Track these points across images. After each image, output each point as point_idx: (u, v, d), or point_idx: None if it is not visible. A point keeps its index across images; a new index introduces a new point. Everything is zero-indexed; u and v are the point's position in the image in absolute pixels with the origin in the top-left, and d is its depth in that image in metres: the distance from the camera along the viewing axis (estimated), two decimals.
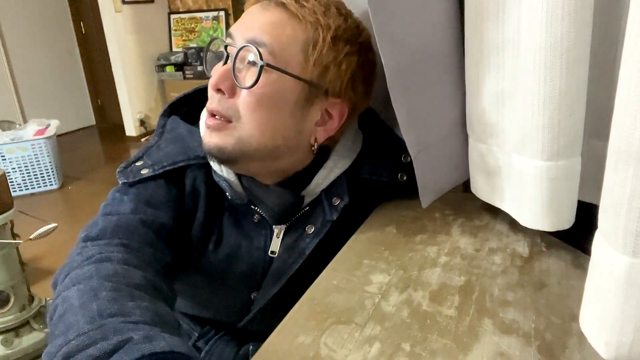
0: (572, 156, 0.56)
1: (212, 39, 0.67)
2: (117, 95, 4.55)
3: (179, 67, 4.49)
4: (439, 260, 0.63)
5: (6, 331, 1.66)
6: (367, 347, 0.48)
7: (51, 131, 3.30)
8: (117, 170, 0.65)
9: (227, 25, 4.45)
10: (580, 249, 0.63)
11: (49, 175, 3.36)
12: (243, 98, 0.58)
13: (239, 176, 0.66)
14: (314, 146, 0.64)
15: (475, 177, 0.72)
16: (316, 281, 0.61)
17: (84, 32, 4.98)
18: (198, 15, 4.58)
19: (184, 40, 4.67)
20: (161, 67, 4.59)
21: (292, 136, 0.62)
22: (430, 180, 0.71)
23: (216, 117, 0.60)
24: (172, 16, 4.69)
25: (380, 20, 0.58)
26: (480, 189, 0.72)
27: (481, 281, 0.58)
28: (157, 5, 4.62)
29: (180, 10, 4.67)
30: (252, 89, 0.57)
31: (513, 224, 0.69)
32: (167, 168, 0.64)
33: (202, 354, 0.73)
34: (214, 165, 0.66)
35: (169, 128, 0.70)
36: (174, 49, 4.71)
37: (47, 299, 1.81)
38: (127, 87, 4.46)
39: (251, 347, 0.73)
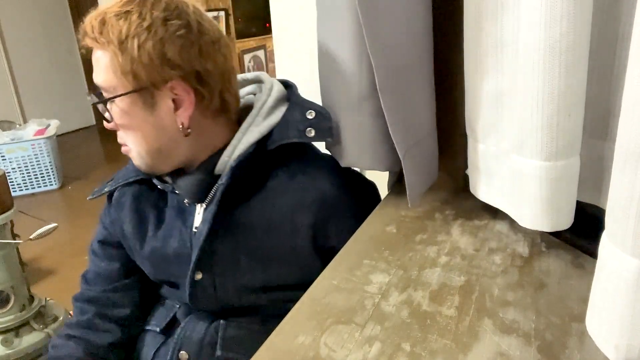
0: (571, 156, 0.56)
1: None
2: None
3: None
4: (439, 260, 0.63)
5: (6, 331, 1.66)
6: (367, 347, 0.48)
7: (51, 131, 3.30)
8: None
9: (227, 25, 4.45)
10: (580, 249, 0.63)
11: (49, 175, 3.36)
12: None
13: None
14: (188, 129, 0.69)
15: (474, 178, 0.72)
16: (316, 281, 0.61)
17: None
18: None
19: None
20: None
21: (161, 135, 0.69)
22: (415, 180, 0.72)
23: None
24: None
25: (370, 22, 0.60)
26: (479, 190, 0.72)
27: (481, 281, 0.58)
28: None
29: None
30: (113, 122, 0.69)
31: (513, 224, 0.69)
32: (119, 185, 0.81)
33: (179, 329, 0.77)
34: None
35: None
36: None
37: (47, 299, 1.81)
38: None
39: (222, 321, 0.75)
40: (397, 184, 0.89)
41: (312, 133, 0.70)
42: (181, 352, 0.75)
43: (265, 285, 0.72)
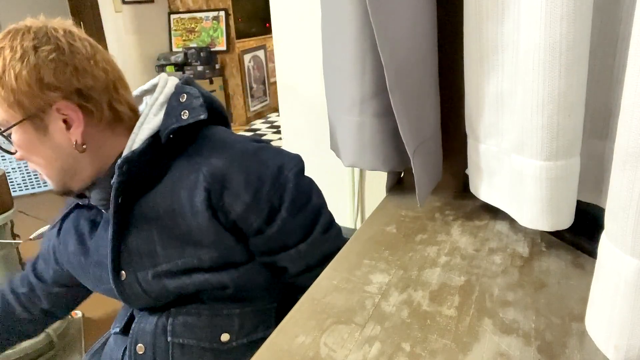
0: (571, 156, 0.56)
1: None
2: None
3: (179, 67, 4.49)
4: (439, 260, 0.63)
5: None
6: (367, 347, 0.48)
7: None
8: None
9: (227, 26, 4.46)
10: (580, 249, 0.63)
11: None
12: None
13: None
14: (83, 145, 0.72)
15: (475, 178, 0.72)
16: (316, 281, 0.61)
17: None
18: (198, 15, 4.58)
19: (184, 41, 4.67)
20: (161, 67, 4.58)
21: (59, 155, 0.72)
22: (424, 179, 0.72)
23: None
24: (172, 16, 4.69)
25: (380, 21, 0.60)
26: (480, 189, 0.72)
27: (481, 281, 0.58)
28: (157, 5, 4.62)
29: (180, 10, 4.67)
30: (18, 152, 0.73)
31: (513, 224, 0.69)
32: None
33: (133, 324, 0.79)
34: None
35: None
36: (174, 49, 4.71)
37: None
38: None
39: (172, 309, 0.77)
40: (397, 184, 0.89)
41: (186, 115, 0.73)
42: (138, 345, 0.77)
43: (185, 269, 0.74)
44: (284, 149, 0.80)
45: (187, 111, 0.73)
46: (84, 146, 0.72)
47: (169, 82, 0.80)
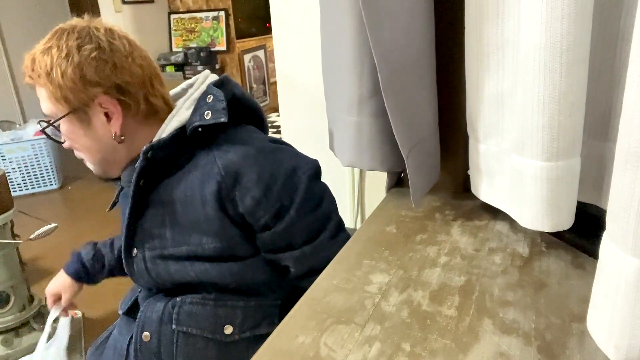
0: (571, 156, 0.56)
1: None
2: None
3: (179, 67, 4.49)
4: (439, 260, 0.63)
5: (6, 331, 1.66)
6: (367, 347, 0.48)
7: None
8: None
9: (227, 26, 4.46)
10: (581, 249, 0.63)
11: (49, 175, 3.36)
12: None
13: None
14: (121, 137, 0.78)
15: (475, 178, 0.72)
16: (316, 281, 0.61)
17: None
18: (198, 15, 4.58)
19: (184, 41, 4.67)
20: (161, 67, 4.59)
21: (101, 146, 0.79)
22: (418, 180, 0.72)
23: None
24: (172, 16, 4.69)
25: (373, 21, 0.60)
26: (480, 190, 0.72)
27: (481, 281, 0.58)
28: (157, 5, 4.62)
29: (180, 10, 4.67)
30: (65, 142, 0.81)
31: (513, 224, 0.69)
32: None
33: (139, 312, 0.82)
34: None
35: None
36: (174, 49, 4.71)
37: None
38: None
39: (177, 299, 0.80)
40: (397, 184, 0.89)
41: (209, 115, 0.77)
42: (144, 333, 0.79)
43: (189, 255, 0.77)
44: (302, 152, 0.83)
45: (210, 112, 0.77)
46: (122, 137, 0.78)
47: (207, 79, 0.84)
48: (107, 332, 0.98)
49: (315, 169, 0.80)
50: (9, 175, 3.21)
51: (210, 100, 0.78)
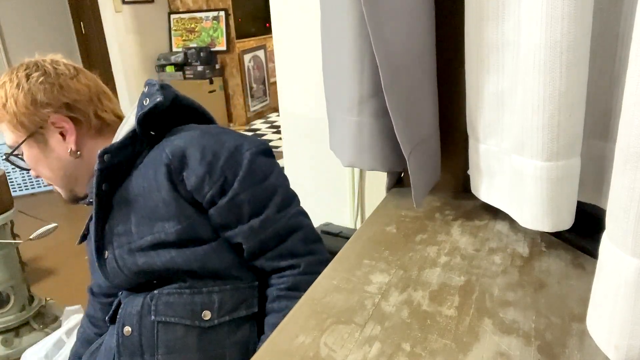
0: (571, 156, 0.56)
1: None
2: (117, 95, 4.55)
3: (179, 67, 4.50)
4: (439, 260, 0.63)
5: (6, 331, 1.66)
6: (367, 347, 0.48)
7: None
8: None
9: (227, 25, 4.46)
10: (580, 249, 0.63)
11: None
12: None
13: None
14: (77, 152, 0.86)
15: (475, 178, 0.72)
16: (316, 281, 0.61)
17: (84, 32, 4.98)
18: (198, 15, 4.58)
19: (184, 40, 4.68)
20: (161, 67, 4.59)
21: (62, 164, 0.86)
22: (420, 180, 0.72)
23: None
24: (172, 16, 4.70)
25: (375, 20, 0.60)
26: (480, 190, 0.72)
27: (481, 281, 0.58)
28: (157, 5, 4.62)
29: (180, 10, 4.67)
30: (31, 169, 0.89)
31: (513, 224, 0.69)
32: None
33: (120, 309, 0.84)
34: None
35: None
36: (174, 49, 4.71)
37: (47, 299, 1.81)
38: (127, 87, 4.46)
39: (155, 292, 0.81)
40: (398, 184, 0.89)
41: (147, 101, 0.83)
42: (125, 328, 0.81)
43: (153, 244, 0.80)
44: (251, 136, 0.85)
45: (147, 99, 0.83)
46: (78, 152, 0.86)
47: (147, 87, 0.90)
48: (101, 340, 0.99)
49: (262, 147, 0.84)
50: (9, 175, 3.21)
51: (146, 90, 0.85)
